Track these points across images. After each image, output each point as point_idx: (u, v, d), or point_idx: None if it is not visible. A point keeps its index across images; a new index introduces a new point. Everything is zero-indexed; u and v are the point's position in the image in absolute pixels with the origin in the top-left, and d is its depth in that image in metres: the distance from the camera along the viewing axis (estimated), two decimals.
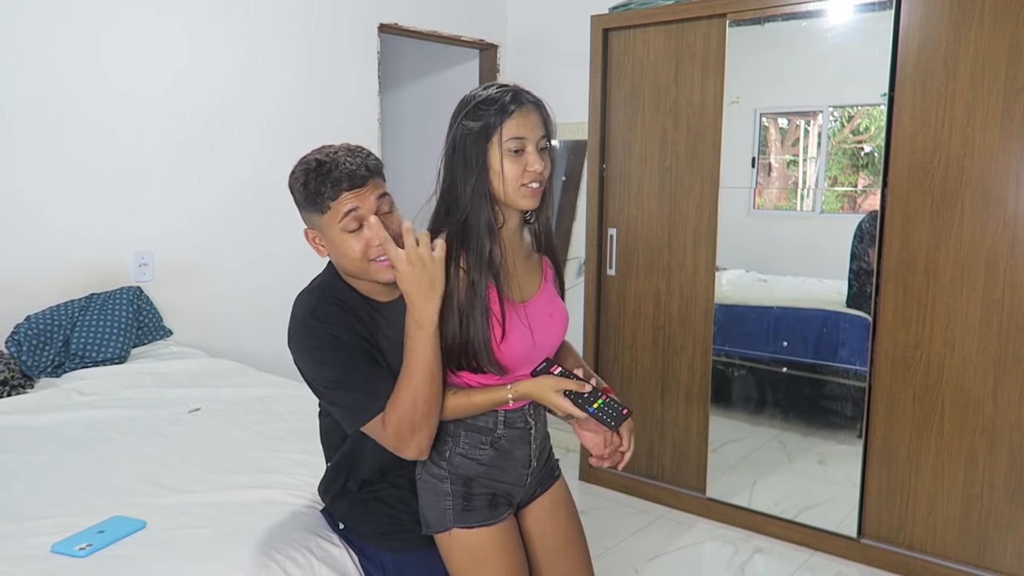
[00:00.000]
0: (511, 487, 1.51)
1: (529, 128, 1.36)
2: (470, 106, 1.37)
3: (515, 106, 1.35)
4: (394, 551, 1.50)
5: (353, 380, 1.37)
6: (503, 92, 1.37)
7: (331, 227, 1.41)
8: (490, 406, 1.42)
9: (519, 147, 1.35)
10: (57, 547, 1.41)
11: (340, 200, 1.39)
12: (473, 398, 1.41)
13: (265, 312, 3.15)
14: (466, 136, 1.36)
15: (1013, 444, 2.43)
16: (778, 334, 2.91)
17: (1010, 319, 2.40)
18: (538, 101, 1.40)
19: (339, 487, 1.52)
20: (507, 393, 1.40)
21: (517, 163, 1.36)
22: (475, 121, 1.35)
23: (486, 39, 3.98)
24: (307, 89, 3.31)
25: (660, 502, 3.21)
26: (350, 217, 1.39)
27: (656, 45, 3.06)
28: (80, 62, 2.67)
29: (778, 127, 2.95)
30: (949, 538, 2.57)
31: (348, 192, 1.39)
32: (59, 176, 2.65)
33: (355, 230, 1.40)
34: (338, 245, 1.42)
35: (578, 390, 1.38)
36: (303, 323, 1.41)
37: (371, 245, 1.40)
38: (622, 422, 1.39)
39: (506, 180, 1.36)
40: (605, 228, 3.28)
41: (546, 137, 1.40)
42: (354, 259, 1.42)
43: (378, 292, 1.50)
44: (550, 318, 1.49)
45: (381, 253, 1.40)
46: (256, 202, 3.15)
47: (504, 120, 1.34)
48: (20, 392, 2.32)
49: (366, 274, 1.44)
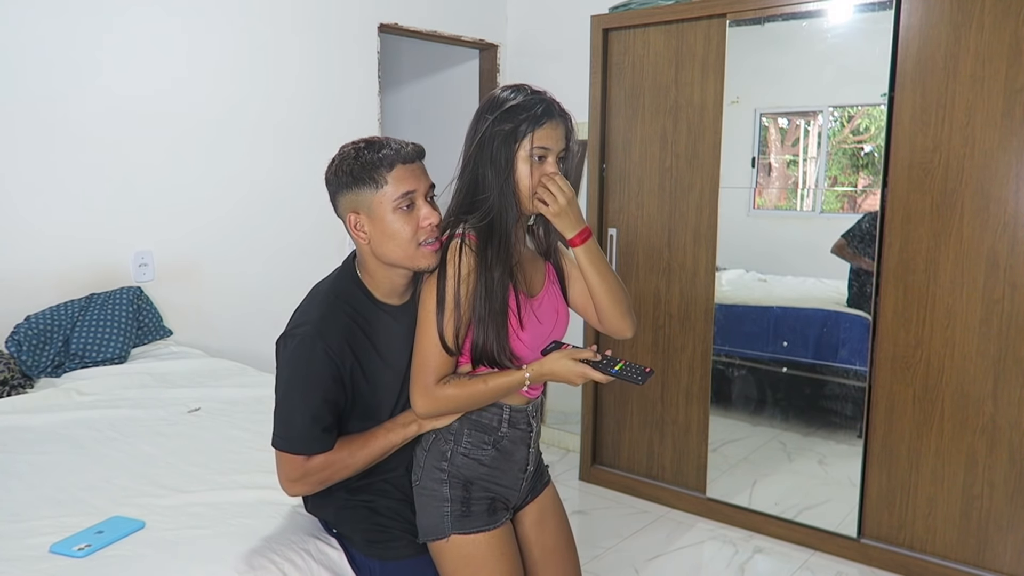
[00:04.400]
0: (508, 491, 1.52)
1: (555, 140, 1.43)
2: (503, 108, 1.41)
3: (547, 118, 1.41)
4: (381, 559, 1.49)
5: (296, 421, 1.40)
6: (536, 100, 1.42)
7: (383, 205, 1.40)
8: (506, 390, 1.43)
9: (542, 155, 1.42)
10: (56, 547, 1.40)
11: (396, 173, 1.39)
12: (490, 382, 1.42)
13: (265, 312, 3.14)
14: (495, 136, 1.40)
15: (1013, 444, 2.43)
16: (778, 334, 2.91)
17: (1010, 319, 2.40)
18: (566, 114, 1.46)
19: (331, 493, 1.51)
20: (524, 373, 1.42)
21: (537, 170, 1.42)
22: (506, 123, 1.40)
23: (486, 39, 3.98)
24: (307, 89, 3.31)
25: (660, 502, 3.21)
26: (406, 198, 1.40)
27: (656, 45, 3.06)
28: (80, 62, 2.67)
29: (778, 127, 2.94)
30: (949, 538, 2.57)
31: (402, 166, 1.40)
32: (59, 176, 2.65)
33: (407, 209, 1.40)
34: (387, 225, 1.40)
35: (594, 359, 1.41)
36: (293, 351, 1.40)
37: (421, 227, 1.41)
38: (648, 379, 1.41)
39: (524, 186, 1.42)
40: (605, 228, 3.28)
41: (566, 149, 1.46)
42: (402, 241, 1.40)
43: (393, 295, 1.49)
44: (556, 314, 1.55)
45: (431, 236, 1.42)
46: (256, 202, 3.15)
47: (535, 129, 1.40)
48: (20, 392, 2.32)
49: (411, 260, 1.42)
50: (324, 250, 3.28)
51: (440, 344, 1.39)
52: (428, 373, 1.41)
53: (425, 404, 1.42)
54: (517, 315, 1.43)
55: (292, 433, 1.40)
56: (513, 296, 1.44)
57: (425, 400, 1.42)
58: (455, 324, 1.39)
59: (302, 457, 1.40)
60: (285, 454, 1.41)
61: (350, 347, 1.42)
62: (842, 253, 2.70)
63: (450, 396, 1.41)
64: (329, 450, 1.41)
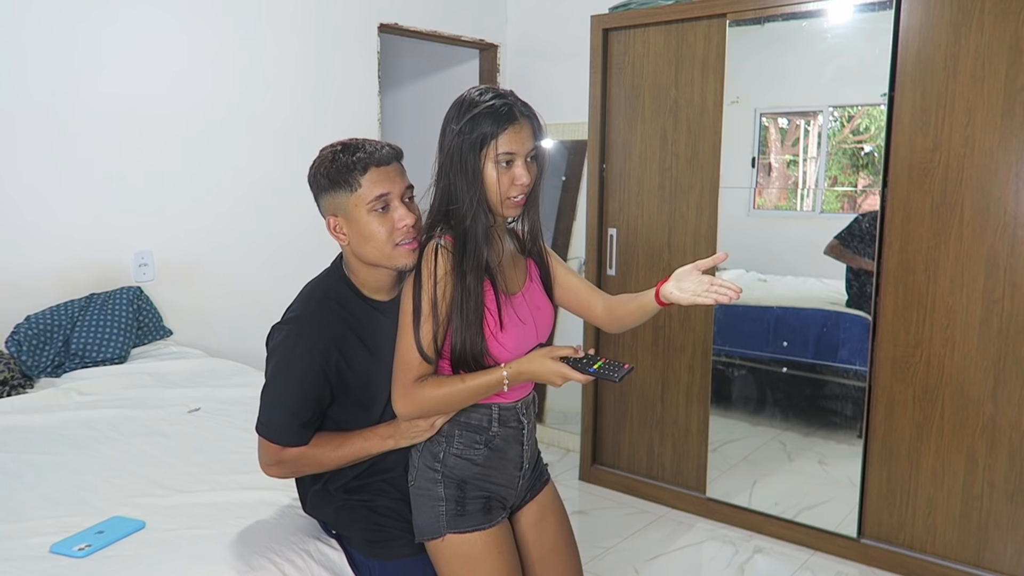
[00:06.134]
0: (504, 489, 1.51)
1: (520, 142, 1.40)
2: (467, 116, 1.39)
3: (508, 122, 1.38)
4: (381, 558, 1.49)
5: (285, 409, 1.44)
6: (499, 104, 1.39)
7: (358, 208, 1.42)
8: (485, 389, 1.41)
9: (509, 159, 1.40)
10: (56, 547, 1.41)
11: (369, 176, 1.41)
12: (468, 381, 1.41)
13: (265, 312, 3.12)
14: (462, 144, 1.39)
15: (1013, 444, 2.43)
16: (778, 334, 2.91)
17: (1010, 319, 2.40)
18: (531, 114, 1.43)
19: (330, 493, 1.52)
20: (502, 371, 1.40)
21: (505, 175, 1.40)
22: (470, 131, 1.38)
23: (486, 39, 3.98)
24: (307, 89, 3.31)
25: (660, 502, 3.21)
26: (380, 200, 1.41)
27: (656, 45, 3.06)
28: (80, 63, 2.67)
29: (778, 127, 2.94)
30: (949, 538, 2.57)
31: (376, 169, 1.42)
32: (59, 176, 2.65)
33: (382, 211, 1.42)
34: (363, 227, 1.43)
35: (574, 355, 1.40)
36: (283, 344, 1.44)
37: (397, 228, 1.42)
38: (626, 375, 1.40)
39: (494, 191, 1.40)
40: (605, 228, 3.28)
41: (535, 148, 1.43)
42: (379, 242, 1.43)
43: (381, 292, 1.51)
44: (539, 311, 1.53)
45: (407, 236, 1.43)
46: (256, 202, 3.15)
47: (498, 134, 1.38)
48: (20, 392, 2.32)
49: (388, 259, 1.44)
50: (324, 250, 3.24)
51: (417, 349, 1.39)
52: (407, 374, 1.40)
53: (405, 405, 1.41)
54: (498, 316, 1.42)
55: (272, 423, 1.46)
56: (492, 297, 1.42)
57: (405, 401, 1.41)
58: (432, 328, 1.39)
59: (277, 446, 1.46)
60: (264, 440, 1.47)
61: (336, 344, 1.44)
62: (835, 254, 2.70)
63: (429, 396, 1.40)
64: (304, 444, 1.46)
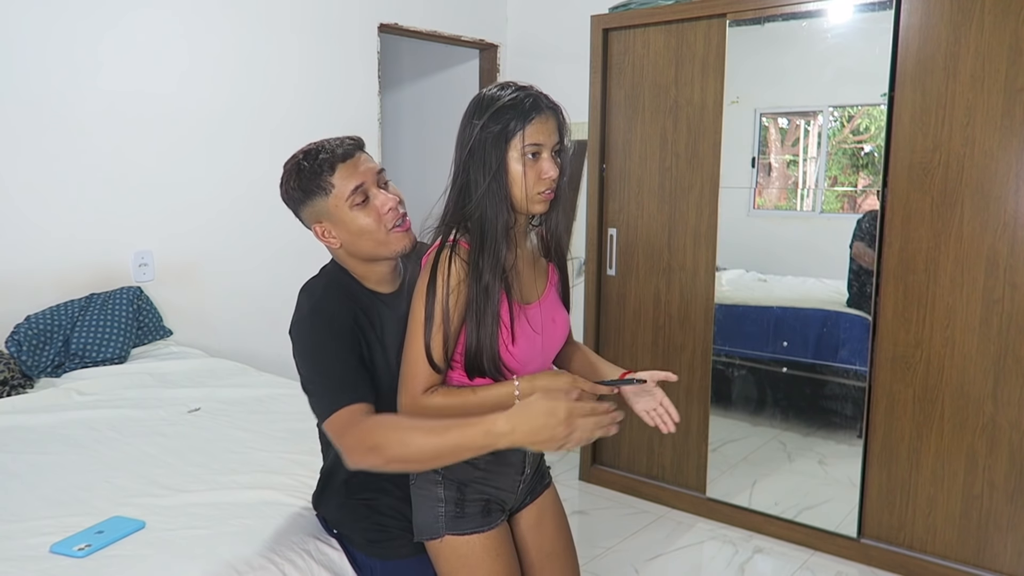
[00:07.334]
0: (504, 493, 1.49)
1: (547, 134, 1.37)
2: (491, 110, 1.35)
3: (535, 113, 1.35)
4: (382, 558, 1.49)
5: (336, 370, 1.35)
6: (523, 96, 1.36)
7: (339, 208, 1.41)
8: (495, 403, 1.36)
9: (536, 151, 1.36)
10: (56, 547, 1.41)
11: (339, 174, 1.40)
12: (480, 393, 1.37)
13: (265, 312, 3.15)
14: (485, 139, 1.35)
15: (1013, 444, 2.43)
16: (778, 334, 2.91)
17: (1010, 319, 2.40)
18: (555, 106, 1.40)
19: (332, 489, 1.51)
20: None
21: (532, 169, 1.36)
22: (494, 124, 1.35)
23: (486, 39, 3.98)
24: (307, 89, 3.31)
25: (660, 502, 3.21)
26: (358, 192, 1.40)
27: (656, 45, 3.06)
28: (80, 62, 2.67)
29: (778, 127, 2.94)
30: (949, 538, 2.57)
31: (343, 164, 1.41)
32: (59, 176, 2.65)
33: (363, 203, 1.41)
34: (351, 224, 1.42)
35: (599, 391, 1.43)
36: (308, 319, 1.40)
37: (383, 214, 1.41)
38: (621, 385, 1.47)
39: (519, 187, 1.37)
40: (605, 228, 3.28)
41: (560, 142, 1.40)
42: (370, 234, 1.42)
43: (382, 283, 1.50)
44: (552, 323, 1.49)
45: (397, 219, 1.42)
46: (256, 201, 3.15)
47: (525, 125, 1.35)
48: (20, 392, 2.32)
49: (386, 248, 1.43)
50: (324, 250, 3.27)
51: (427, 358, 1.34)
52: (415, 383, 1.35)
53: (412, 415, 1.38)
54: (510, 327, 1.38)
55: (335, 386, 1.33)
56: (506, 306, 1.38)
57: (412, 411, 1.36)
58: (443, 337, 1.34)
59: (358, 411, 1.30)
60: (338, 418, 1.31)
61: (356, 321, 1.42)
62: (860, 254, 2.66)
63: (438, 407, 1.35)
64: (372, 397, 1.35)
